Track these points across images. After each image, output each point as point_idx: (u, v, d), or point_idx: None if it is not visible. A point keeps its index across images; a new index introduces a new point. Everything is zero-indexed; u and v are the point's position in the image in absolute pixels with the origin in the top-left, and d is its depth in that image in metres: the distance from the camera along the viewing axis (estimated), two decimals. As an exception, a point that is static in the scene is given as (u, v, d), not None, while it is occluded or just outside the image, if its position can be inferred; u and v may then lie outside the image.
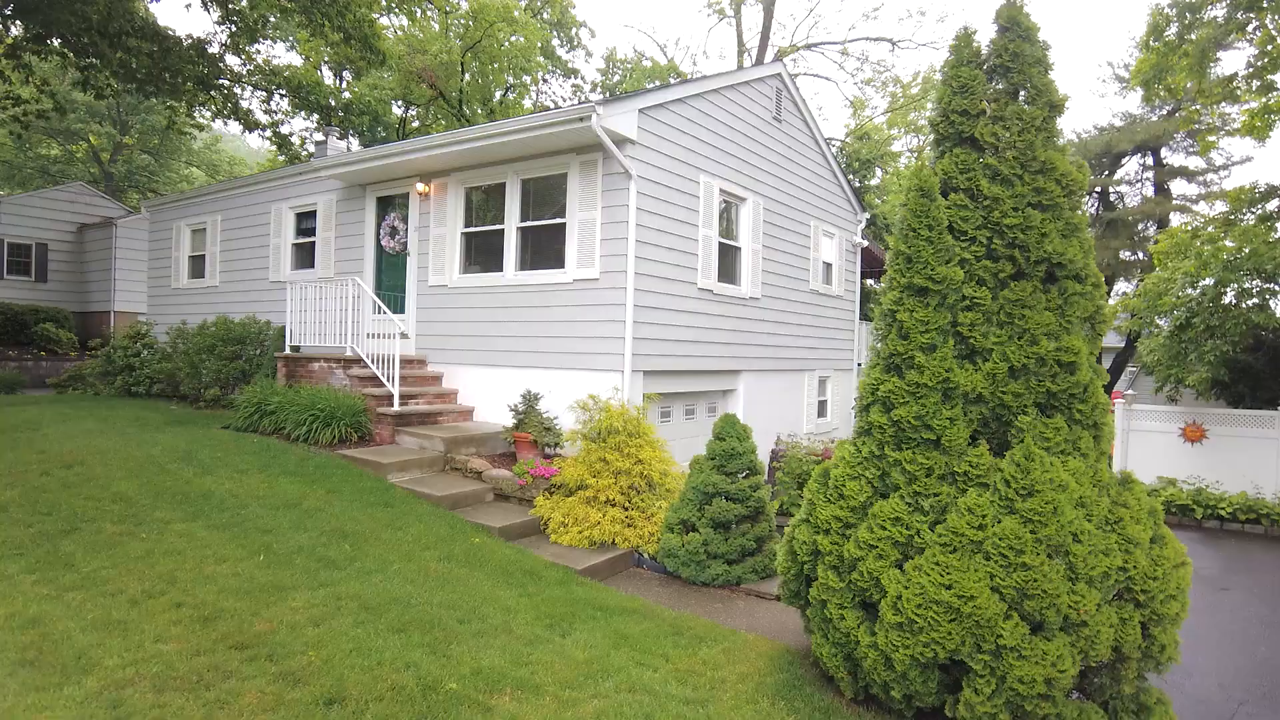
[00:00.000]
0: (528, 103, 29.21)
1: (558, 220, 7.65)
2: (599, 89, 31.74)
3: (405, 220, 8.94)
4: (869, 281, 16.63)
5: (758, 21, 25.53)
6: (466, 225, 8.50)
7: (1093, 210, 19.91)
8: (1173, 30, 11.73)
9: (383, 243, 9.16)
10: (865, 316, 13.27)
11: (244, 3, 12.34)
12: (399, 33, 23.94)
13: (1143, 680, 3.68)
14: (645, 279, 7.29)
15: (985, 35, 4.01)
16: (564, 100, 31.49)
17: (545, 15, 27.86)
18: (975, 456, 3.56)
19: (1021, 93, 3.86)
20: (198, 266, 12.12)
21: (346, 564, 4.88)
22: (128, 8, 10.77)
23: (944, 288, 3.67)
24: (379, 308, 8.46)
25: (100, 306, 18.55)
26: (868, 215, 12.24)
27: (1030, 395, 3.64)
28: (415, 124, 29.48)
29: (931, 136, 4.05)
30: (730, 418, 5.64)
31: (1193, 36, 11.34)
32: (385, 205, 9.30)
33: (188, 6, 12.19)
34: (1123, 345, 18.65)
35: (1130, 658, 3.45)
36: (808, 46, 24.39)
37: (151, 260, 13.07)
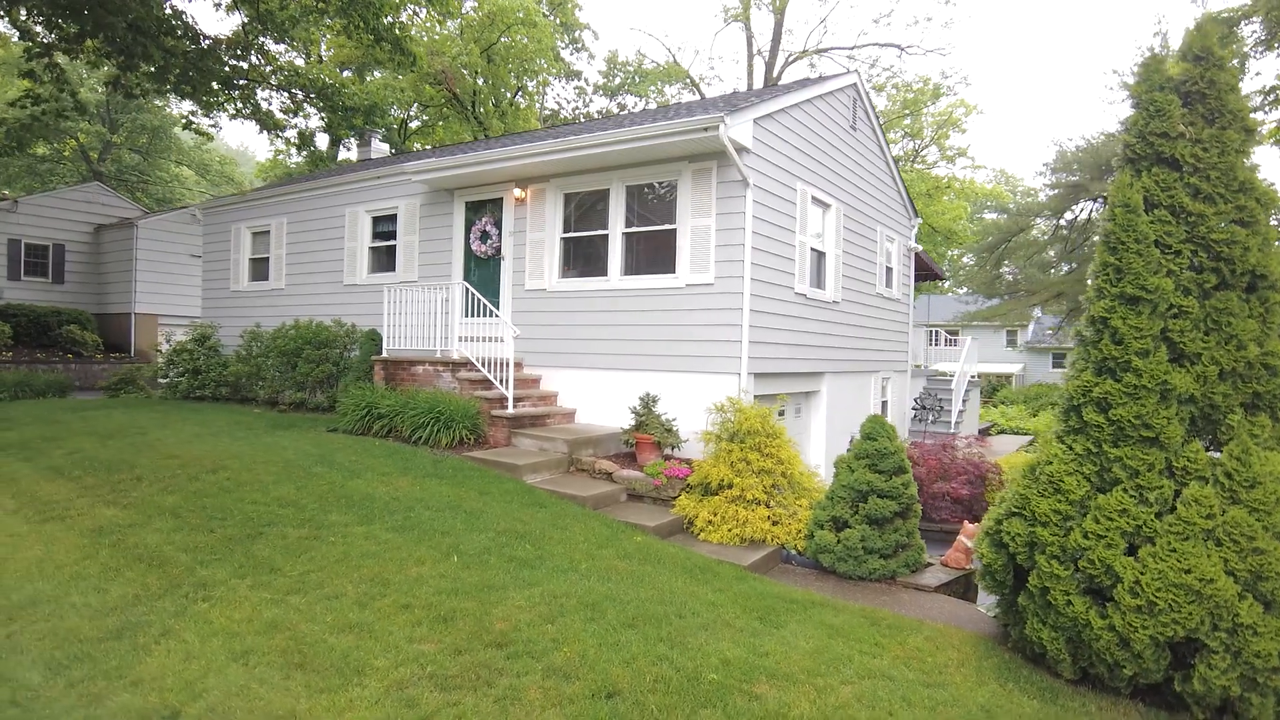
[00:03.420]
0: (535, 104, 29.20)
1: (667, 226, 7.82)
2: (601, 91, 31.86)
3: (498, 225, 9.03)
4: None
5: (768, 27, 25.94)
6: (565, 230, 8.63)
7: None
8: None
9: (473, 247, 9.23)
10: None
11: (274, 2, 12.22)
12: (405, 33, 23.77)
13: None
14: (757, 284, 7.52)
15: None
16: (567, 103, 31.55)
17: (550, 18, 27.91)
18: (1192, 452, 3.86)
19: (1216, 117, 4.18)
20: (260, 269, 12.00)
21: (537, 563, 5.02)
22: (173, 7, 10.66)
23: (1155, 297, 3.97)
24: (487, 310, 8.53)
25: (120, 308, 18.19)
26: (919, 220, 12.65)
27: (1237, 396, 3.96)
28: (415, 124, 29.32)
29: (1124, 154, 4.35)
30: (878, 418, 5.90)
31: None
32: (474, 209, 9.35)
33: (217, 6, 12.03)
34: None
35: (1339, 635, 3.79)
36: (819, 52, 24.85)
37: (206, 263, 12.89)
